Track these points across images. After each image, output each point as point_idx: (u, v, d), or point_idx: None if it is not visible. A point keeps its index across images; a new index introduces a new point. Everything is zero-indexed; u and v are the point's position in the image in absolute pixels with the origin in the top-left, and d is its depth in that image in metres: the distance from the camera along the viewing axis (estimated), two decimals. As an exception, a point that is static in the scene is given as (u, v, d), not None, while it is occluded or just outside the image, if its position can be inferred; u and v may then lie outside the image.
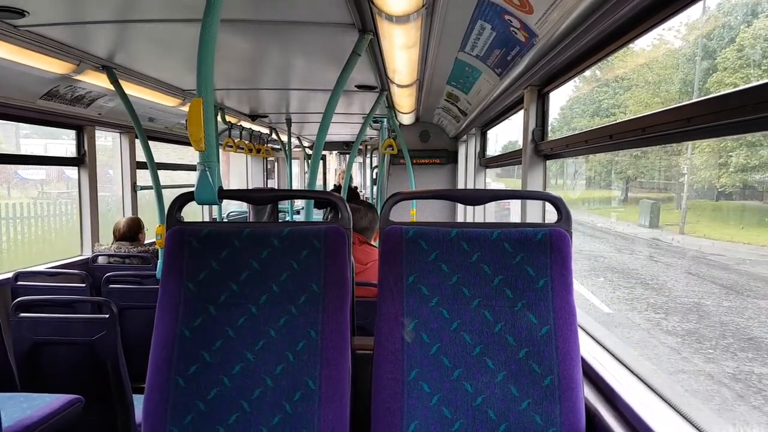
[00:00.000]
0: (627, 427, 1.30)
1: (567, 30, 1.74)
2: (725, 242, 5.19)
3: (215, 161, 1.44)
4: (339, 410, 1.35)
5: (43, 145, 11.70)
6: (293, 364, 1.38)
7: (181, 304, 1.41)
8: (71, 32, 2.44)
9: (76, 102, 3.44)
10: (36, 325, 2.36)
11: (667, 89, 6.69)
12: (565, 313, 1.37)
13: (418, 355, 1.37)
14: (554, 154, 2.49)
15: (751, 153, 4.46)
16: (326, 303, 1.41)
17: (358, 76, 3.34)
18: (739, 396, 3.52)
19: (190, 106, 1.38)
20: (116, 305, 2.34)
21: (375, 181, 6.77)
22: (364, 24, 2.20)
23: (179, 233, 1.46)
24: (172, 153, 6.57)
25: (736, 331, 4.41)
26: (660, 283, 6.30)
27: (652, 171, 7.72)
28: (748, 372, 3.80)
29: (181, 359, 1.38)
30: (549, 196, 1.50)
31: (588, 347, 1.80)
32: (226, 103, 4.67)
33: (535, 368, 1.34)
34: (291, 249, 1.44)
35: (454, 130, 5.45)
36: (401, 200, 1.51)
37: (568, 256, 1.40)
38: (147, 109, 4.11)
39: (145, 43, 2.68)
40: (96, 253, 3.81)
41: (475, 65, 2.77)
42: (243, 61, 3.10)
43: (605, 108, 8.27)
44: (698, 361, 4.19)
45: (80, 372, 2.40)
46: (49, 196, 11.05)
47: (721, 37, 4.77)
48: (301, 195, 1.80)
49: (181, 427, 1.35)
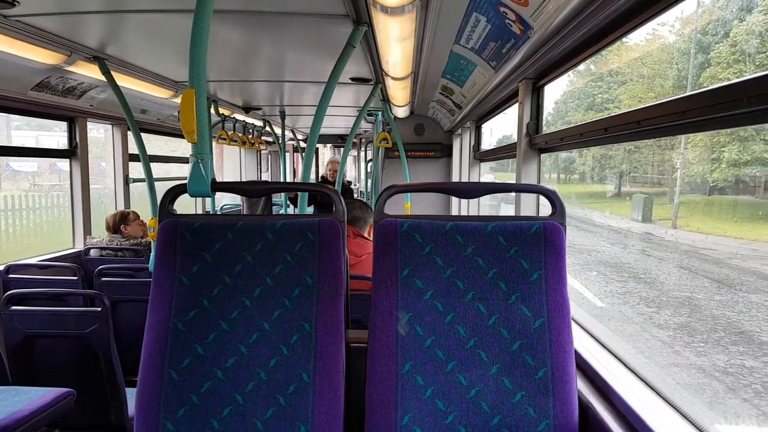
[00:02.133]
0: (620, 419, 1.31)
1: (562, 22, 1.73)
2: (717, 236, 5.22)
3: (208, 153, 1.43)
4: (333, 403, 1.35)
5: (35, 137, 11.59)
6: (287, 357, 1.37)
7: (174, 297, 1.41)
8: (62, 22, 2.41)
9: (67, 93, 3.40)
10: (28, 318, 2.35)
11: (662, 84, 6.70)
12: (558, 306, 1.37)
13: (412, 348, 1.37)
14: (549, 147, 2.49)
15: (743, 148, 4.48)
16: (320, 296, 1.41)
17: (353, 68, 3.33)
18: (730, 389, 3.54)
19: (183, 97, 1.37)
20: (108, 298, 2.33)
21: (369, 175, 6.77)
22: (358, 15, 2.19)
23: (172, 226, 1.45)
24: (165, 146, 6.53)
25: (727, 325, 4.44)
26: (652, 277, 6.33)
27: (645, 166, 7.75)
28: (738, 365, 3.83)
29: (174, 352, 1.37)
30: (543, 189, 1.50)
31: (581, 340, 1.81)
32: (219, 95, 4.63)
33: (529, 361, 1.34)
34: (285, 242, 1.44)
35: (449, 123, 5.44)
36: (396, 193, 1.51)
37: (562, 250, 1.40)
38: (139, 101, 4.08)
39: (136, 34, 2.66)
40: (88, 245, 3.78)
41: (470, 58, 2.76)
42: (236, 53, 3.07)
43: (599, 102, 8.28)
44: (690, 354, 4.21)
45: (72, 365, 2.39)
46: (41, 189, 10.96)
47: (715, 32, 4.77)
48: (295, 188, 1.79)
49: (175, 421, 1.34)
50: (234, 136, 5.67)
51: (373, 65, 3.16)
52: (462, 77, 3.30)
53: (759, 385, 3.54)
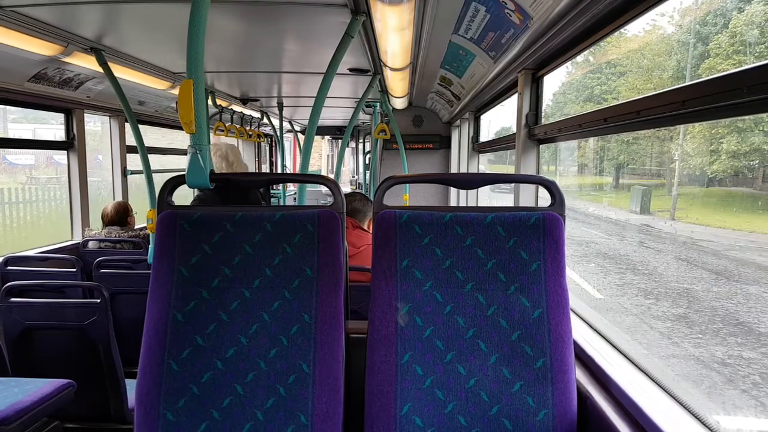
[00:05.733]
0: (618, 409, 1.32)
1: (562, 12, 1.72)
2: (715, 228, 5.22)
3: (206, 144, 1.43)
4: (333, 393, 1.36)
5: (32, 129, 11.56)
6: (287, 347, 1.38)
7: (173, 289, 1.41)
8: (58, 13, 2.40)
9: (64, 85, 3.38)
10: (27, 310, 2.35)
11: (660, 75, 6.68)
12: (557, 296, 1.37)
13: (411, 338, 1.38)
14: (548, 138, 2.49)
15: (741, 139, 4.47)
16: (320, 287, 1.41)
17: (351, 59, 3.31)
18: (729, 380, 3.55)
19: (180, 87, 1.36)
20: (108, 290, 2.33)
21: (368, 166, 6.76)
22: (357, 5, 2.17)
23: (170, 217, 1.44)
24: (162, 139, 6.50)
25: (725, 317, 4.44)
26: (650, 269, 6.33)
27: (643, 158, 7.74)
28: (737, 356, 3.84)
29: (173, 343, 1.37)
30: (542, 180, 1.50)
31: (580, 330, 1.82)
32: (217, 86, 4.61)
33: (528, 351, 1.35)
34: (284, 233, 1.44)
35: (448, 114, 5.43)
36: (395, 184, 1.51)
37: (561, 240, 1.40)
38: (137, 92, 4.06)
39: (133, 25, 2.64)
40: (87, 238, 3.78)
41: (469, 48, 2.75)
42: (234, 43, 3.06)
43: (597, 94, 8.27)
44: (688, 345, 4.21)
45: (72, 357, 2.40)
46: (38, 182, 10.93)
47: (715, 22, 4.75)
48: (294, 179, 1.79)
49: (175, 411, 1.34)
50: (232, 127, 5.65)
51: (371, 56, 3.15)
52: (461, 68, 3.29)
53: (757, 376, 3.55)
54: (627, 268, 6.70)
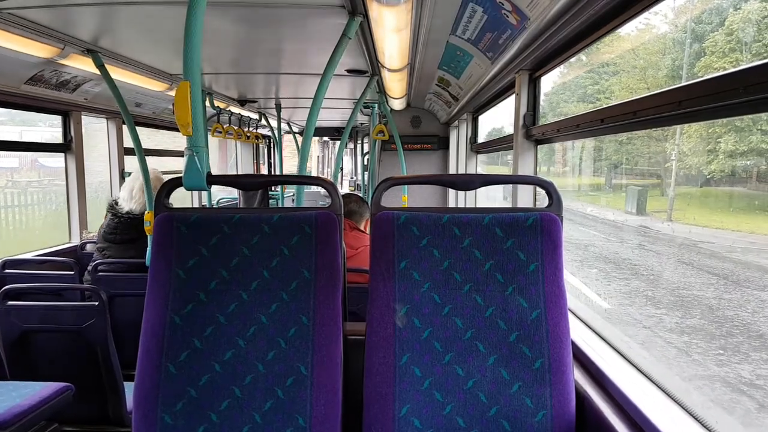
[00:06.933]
0: (617, 409, 1.32)
1: (559, 12, 1.72)
2: (713, 229, 5.15)
3: (203, 146, 1.42)
4: (331, 395, 1.36)
5: (19, 132, 11.39)
6: (285, 350, 1.38)
7: (170, 291, 1.40)
8: (55, 15, 2.39)
9: (61, 87, 3.38)
10: (25, 313, 2.34)
11: (654, 75, 6.68)
12: (555, 297, 1.37)
13: (409, 339, 1.37)
14: (545, 138, 2.49)
15: (739, 138, 4.47)
16: (318, 289, 1.41)
17: (349, 60, 3.31)
18: (761, 405, 3.18)
19: (177, 89, 1.35)
20: (105, 293, 2.32)
21: (366, 167, 6.75)
22: (354, 6, 2.17)
23: (168, 220, 1.44)
24: (147, 140, 6.45)
25: (743, 328, 4.15)
26: (655, 274, 6.11)
27: (638, 158, 7.73)
28: (766, 377, 3.49)
29: (171, 346, 1.37)
30: (540, 180, 1.50)
31: (577, 331, 1.82)
32: (215, 87, 4.61)
33: (526, 352, 1.35)
34: (282, 235, 1.44)
35: (446, 115, 5.43)
36: (393, 185, 1.50)
37: (559, 241, 1.40)
38: (134, 94, 4.05)
39: (130, 27, 2.63)
40: (84, 240, 3.77)
41: (467, 49, 2.75)
42: (231, 45, 3.05)
43: (590, 94, 8.27)
44: (711, 364, 3.84)
45: (70, 360, 2.39)
46: (18, 185, 10.62)
47: (710, 21, 4.75)
48: (292, 180, 1.79)
49: (173, 414, 1.34)
50: (229, 129, 5.65)
51: (369, 57, 3.15)
52: (458, 69, 3.29)
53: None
54: (631, 274, 6.45)
